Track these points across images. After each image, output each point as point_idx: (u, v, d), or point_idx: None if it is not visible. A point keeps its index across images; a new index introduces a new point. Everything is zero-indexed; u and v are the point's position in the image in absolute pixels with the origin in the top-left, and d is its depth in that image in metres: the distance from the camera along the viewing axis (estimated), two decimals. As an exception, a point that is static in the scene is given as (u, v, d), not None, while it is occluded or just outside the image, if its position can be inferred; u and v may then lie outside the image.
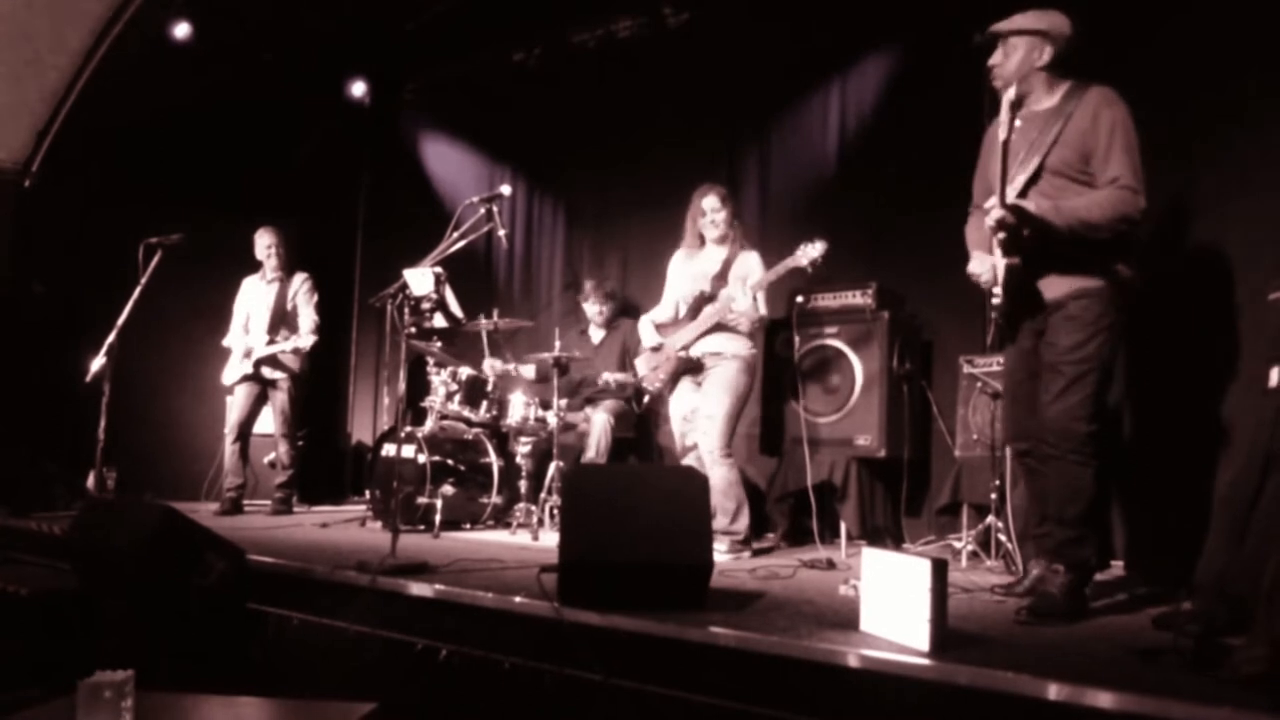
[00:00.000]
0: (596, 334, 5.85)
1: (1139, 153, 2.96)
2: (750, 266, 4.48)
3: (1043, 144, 3.03)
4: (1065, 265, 2.99)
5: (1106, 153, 2.94)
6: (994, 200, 2.96)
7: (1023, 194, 3.02)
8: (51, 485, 5.75)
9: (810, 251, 4.22)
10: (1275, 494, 2.57)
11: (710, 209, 4.56)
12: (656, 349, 4.66)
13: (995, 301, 3.09)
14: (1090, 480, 2.98)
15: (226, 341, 5.96)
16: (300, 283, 6.00)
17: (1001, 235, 2.95)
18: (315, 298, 5.99)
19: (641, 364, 4.76)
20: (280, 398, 5.87)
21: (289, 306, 5.94)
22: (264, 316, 5.88)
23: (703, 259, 4.63)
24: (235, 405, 5.86)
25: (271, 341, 5.78)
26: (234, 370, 5.85)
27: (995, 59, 3.17)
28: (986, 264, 3.14)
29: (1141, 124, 3.86)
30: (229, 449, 5.82)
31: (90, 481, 5.31)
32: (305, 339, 5.71)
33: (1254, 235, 3.53)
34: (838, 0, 5.37)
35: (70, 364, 5.36)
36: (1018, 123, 3.05)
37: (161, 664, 3.17)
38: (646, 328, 4.74)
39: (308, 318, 5.90)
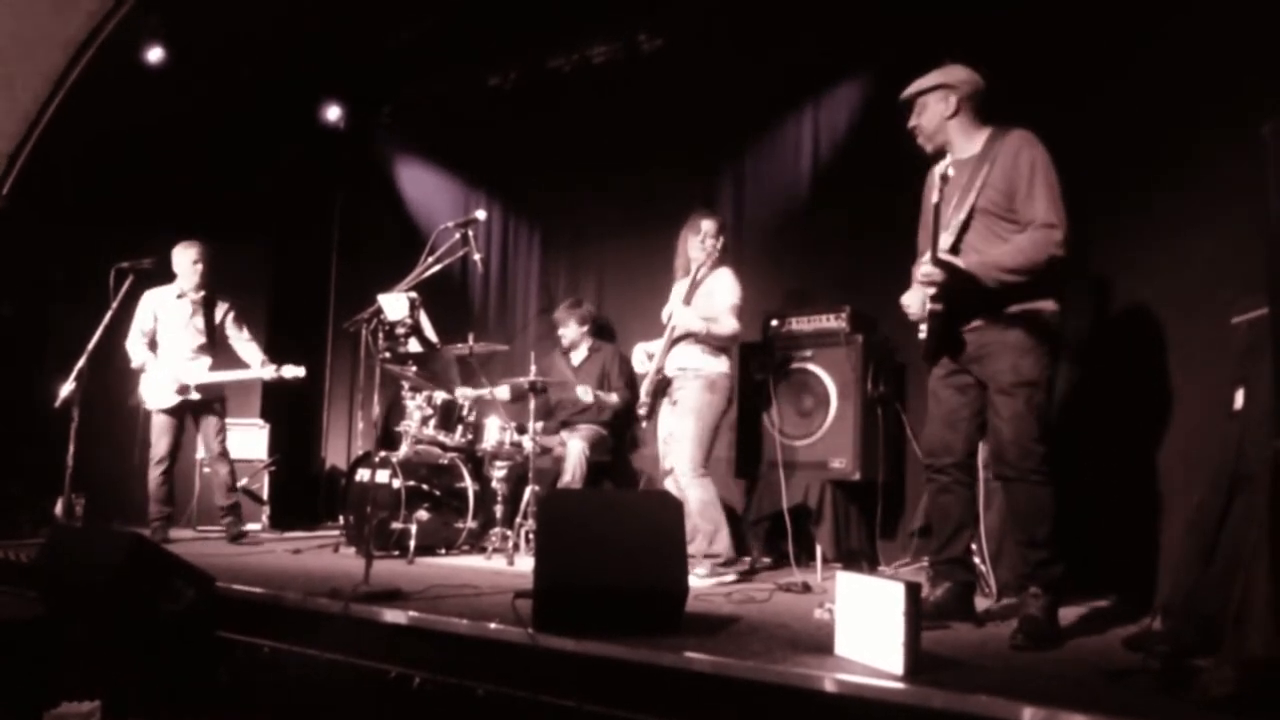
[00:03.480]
0: (578, 356, 5.85)
1: (1059, 188, 3.11)
2: (716, 282, 4.48)
3: (972, 188, 3.19)
4: (997, 297, 3.13)
5: (1029, 192, 3.10)
6: (926, 255, 3.15)
7: (958, 240, 3.20)
8: (18, 511, 5.68)
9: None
10: (1242, 515, 2.60)
11: (708, 231, 4.52)
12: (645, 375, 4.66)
13: (922, 331, 3.29)
14: (1051, 499, 3.06)
15: (140, 361, 5.60)
16: (225, 313, 5.77)
17: (931, 290, 3.16)
18: (245, 328, 5.84)
19: (642, 391, 4.73)
20: (213, 419, 5.67)
21: (217, 331, 5.74)
22: (189, 338, 5.63)
23: (684, 281, 4.65)
24: (167, 431, 5.54)
25: (216, 366, 5.59)
26: (167, 393, 5.53)
27: (911, 121, 3.41)
28: (918, 297, 3.30)
29: (1110, 149, 3.93)
30: (158, 476, 5.51)
31: (58, 508, 5.22)
32: (270, 370, 5.50)
33: (1219, 258, 3.59)
34: (811, 26, 5.44)
35: (39, 389, 5.29)
36: (951, 172, 3.20)
37: (129, 694, 3.12)
38: (639, 356, 4.70)
39: (255, 349, 5.73)
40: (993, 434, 3.19)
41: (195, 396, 5.57)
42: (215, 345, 5.73)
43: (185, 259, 5.66)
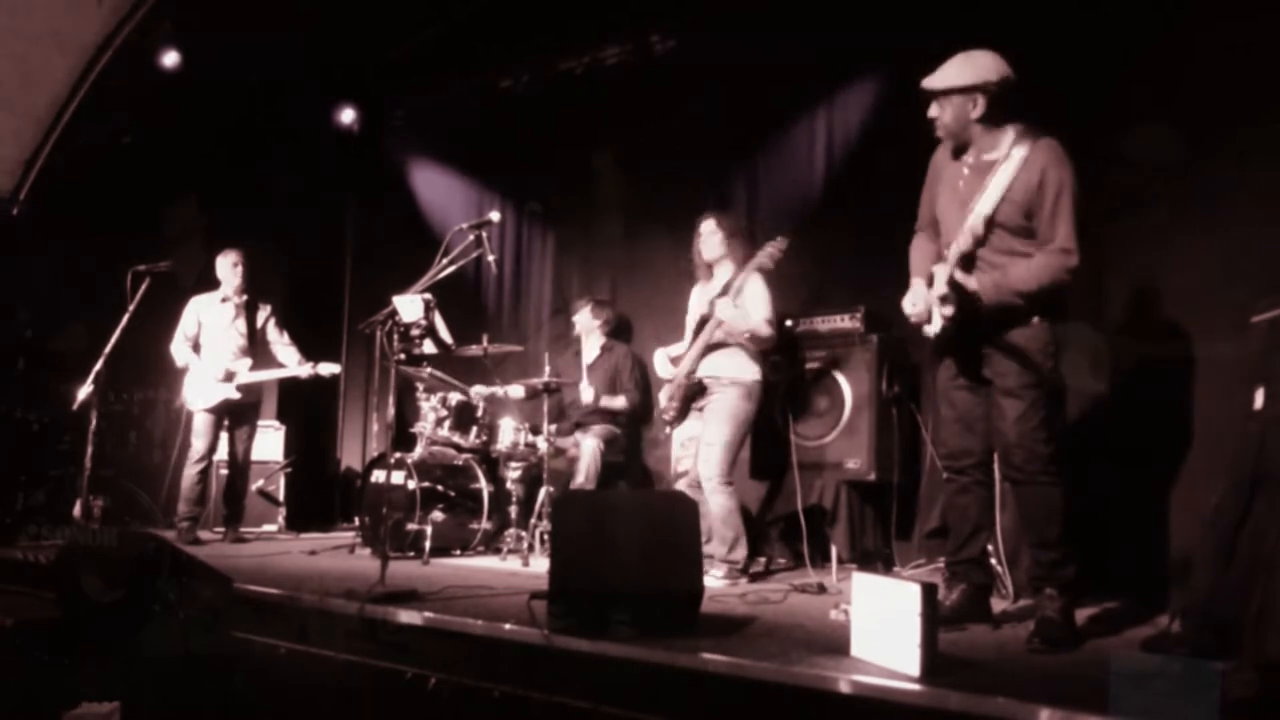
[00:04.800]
0: (589, 355, 5.85)
1: (1081, 209, 3.02)
2: (750, 288, 4.45)
3: (989, 195, 3.07)
4: (1004, 311, 3.08)
5: (1052, 215, 3.01)
6: (942, 272, 3.07)
7: (973, 254, 3.11)
8: (38, 514, 5.72)
9: (770, 250, 4.30)
10: (1263, 516, 2.58)
11: (706, 231, 4.59)
12: (670, 380, 4.63)
13: (926, 329, 3.22)
14: (1060, 499, 3.03)
15: (184, 362, 5.72)
16: (268, 315, 5.95)
17: (944, 308, 3.09)
18: (286, 333, 6.02)
19: (663, 397, 4.71)
20: (245, 427, 5.83)
21: (258, 334, 5.90)
22: (233, 340, 5.77)
23: (710, 285, 4.64)
24: (207, 430, 5.64)
25: (255, 367, 5.73)
26: (210, 392, 5.62)
27: (933, 113, 3.23)
28: (920, 300, 3.22)
29: (1125, 148, 3.89)
30: (194, 475, 5.59)
31: (77, 510, 5.26)
32: (307, 367, 5.73)
33: (1236, 257, 3.57)
34: (823, 25, 5.42)
35: (57, 392, 5.33)
36: (965, 170, 3.17)
37: (146, 695, 3.14)
38: (661, 360, 4.70)
39: (294, 351, 5.91)
40: (998, 436, 3.16)
41: (236, 395, 5.65)
42: (256, 348, 5.86)
43: (226, 263, 5.85)
